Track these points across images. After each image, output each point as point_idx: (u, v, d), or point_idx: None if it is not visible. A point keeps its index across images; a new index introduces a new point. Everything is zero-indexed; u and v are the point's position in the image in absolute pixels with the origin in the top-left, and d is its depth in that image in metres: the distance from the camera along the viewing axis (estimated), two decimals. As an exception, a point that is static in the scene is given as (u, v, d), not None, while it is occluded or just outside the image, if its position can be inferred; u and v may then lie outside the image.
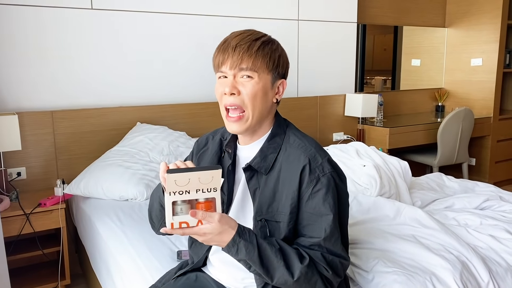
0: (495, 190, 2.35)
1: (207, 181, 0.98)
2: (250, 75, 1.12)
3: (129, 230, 1.95)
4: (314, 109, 3.63)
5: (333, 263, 1.09)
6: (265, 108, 1.16)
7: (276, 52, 1.16)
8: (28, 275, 2.45)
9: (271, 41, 1.17)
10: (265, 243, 1.06)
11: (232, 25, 3.15)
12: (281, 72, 1.18)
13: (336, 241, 1.10)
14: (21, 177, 2.52)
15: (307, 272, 1.06)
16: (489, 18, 4.17)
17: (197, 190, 0.98)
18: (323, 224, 1.09)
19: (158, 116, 2.91)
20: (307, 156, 1.13)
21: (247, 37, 1.13)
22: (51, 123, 2.57)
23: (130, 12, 2.81)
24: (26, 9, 2.49)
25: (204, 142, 1.35)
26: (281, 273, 1.05)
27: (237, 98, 1.13)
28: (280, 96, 1.20)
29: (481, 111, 4.28)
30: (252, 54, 1.11)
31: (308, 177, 1.11)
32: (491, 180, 4.26)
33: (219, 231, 1.00)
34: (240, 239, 1.03)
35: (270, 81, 1.15)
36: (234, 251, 1.03)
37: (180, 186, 0.97)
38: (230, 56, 1.12)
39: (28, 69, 2.54)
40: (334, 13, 3.65)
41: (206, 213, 0.99)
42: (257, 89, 1.13)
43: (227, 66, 1.13)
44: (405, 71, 4.43)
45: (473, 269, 1.52)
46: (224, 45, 1.14)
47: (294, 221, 1.13)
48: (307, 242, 1.10)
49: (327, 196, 1.10)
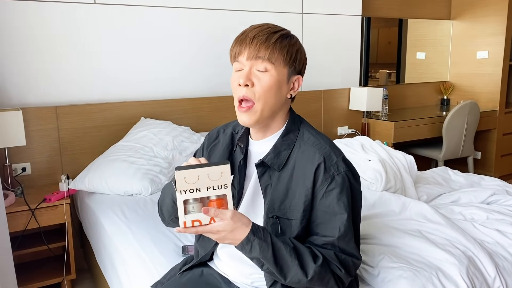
0: (501, 184, 2.33)
1: (216, 178, 0.98)
2: (266, 66, 1.11)
3: (134, 225, 1.95)
4: (319, 103, 3.61)
5: (345, 262, 1.09)
6: (277, 102, 1.15)
7: (295, 47, 1.14)
8: (33, 270, 2.46)
9: (290, 35, 1.16)
10: (280, 241, 1.05)
11: (236, 18, 3.13)
12: (298, 67, 1.17)
13: (350, 240, 1.10)
14: (26, 172, 2.53)
15: (320, 272, 1.05)
16: (495, 10, 4.12)
17: (208, 187, 0.98)
18: (337, 223, 1.09)
19: (162, 111, 2.91)
20: (322, 154, 1.12)
21: (265, 29, 1.12)
22: (55, 118, 2.57)
23: (133, 6, 2.80)
24: (29, 4, 2.48)
25: (215, 136, 1.34)
26: (295, 272, 1.05)
27: (250, 90, 1.12)
28: (295, 92, 1.19)
29: (486, 104, 4.25)
30: (269, 46, 1.10)
31: (323, 175, 1.10)
32: (496, 173, 4.24)
33: (232, 229, 1.00)
34: (255, 237, 1.02)
35: (286, 75, 1.14)
36: (248, 249, 1.03)
37: (190, 184, 0.97)
38: (247, 47, 1.11)
39: (31, 65, 2.54)
40: (338, 6, 3.62)
41: (218, 210, 0.99)
42: (272, 82, 1.11)
43: (244, 56, 1.12)
44: (410, 64, 4.40)
45: (480, 264, 1.51)
46: (242, 36, 1.14)
47: (307, 219, 1.12)
48: (321, 241, 1.10)
49: (342, 195, 1.09)
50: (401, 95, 4.33)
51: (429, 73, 4.54)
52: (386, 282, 1.40)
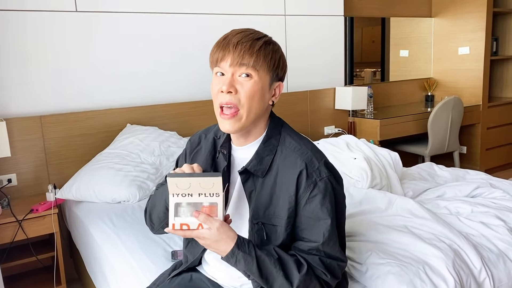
0: (485, 178, 2.37)
1: (208, 187, 1.00)
2: (250, 73, 1.09)
3: (122, 232, 1.95)
4: (305, 103, 3.63)
5: (331, 266, 1.11)
6: (261, 109, 1.14)
7: (277, 53, 1.14)
8: (23, 282, 2.43)
9: (272, 42, 1.15)
10: (264, 254, 1.06)
11: (219, 23, 3.14)
12: (279, 74, 1.17)
13: (334, 244, 1.11)
14: (12, 183, 2.50)
15: (305, 280, 1.07)
16: (475, 6, 4.19)
17: (200, 194, 1.01)
18: (321, 229, 1.10)
19: (148, 117, 2.90)
20: (304, 160, 1.13)
21: (249, 35, 1.11)
22: (40, 128, 2.55)
23: (115, 13, 2.79)
24: (9, 14, 2.47)
25: (197, 141, 1.33)
26: (280, 282, 1.06)
27: (233, 96, 1.10)
28: (276, 98, 1.18)
29: (470, 99, 4.31)
30: (254, 53, 1.09)
31: (305, 182, 1.11)
32: (482, 167, 4.30)
33: (216, 239, 1.02)
34: (239, 251, 1.04)
35: (268, 82, 1.14)
36: (233, 261, 1.05)
37: (182, 189, 1.00)
38: (231, 53, 1.09)
39: (14, 74, 2.52)
40: (320, 7, 3.65)
41: (208, 218, 1.01)
42: (256, 89, 1.11)
43: (227, 63, 1.10)
44: (394, 62, 4.44)
45: (466, 257, 1.54)
46: (225, 42, 1.11)
47: (292, 225, 1.13)
48: (306, 247, 1.11)
49: (325, 200, 1.10)
50: (386, 93, 4.37)
51: (413, 70, 4.59)
52: (375, 279, 1.41)
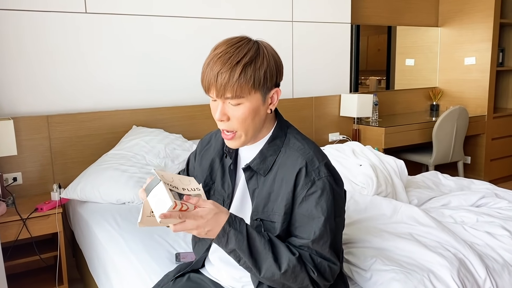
0: (490, 188, 2.36)
1: (186, 183, 1.06)
2: (237, 101, 1.09)
3: (127, 233, 1.95)
4: (310, 110, 3.64)
5: (321, 266, 1.10)
6: (258, 123, 1.15)
7: (261, 69, 1.08)
8: (25, 280, 2.44)
9: (254, 58, 1.08)
10: (255, 233, 1.08)
11: (227, 27, 3.16)
12: (270, 85, 1.12)
13: (325, 244, 1.10)
14: (17, 182, 2.51)
15: (295, 266, 1.06)
16: (482, 17, 4.20)
17: (183, 188, 1.04)
18: (313, 226, 1.10)
19: (154, 119, 2.91)
20: (305, 158, 1.13)
21: (228, 60, 1.06)
22: (47, 127, 2.57)
23: (125, 15, 2.81)
24: (19, 14, 2.49)
25: (207, 140, 1.37)
26: (269, 264, 1.06)
27: (227, 123, 1.13)
28: (274, 105, 1.17)
29: (475, 109, 4.31)
30: (234, 83, 1.06)
31: (304, 180, 1.11)
32: (486, 178, 4.29)
33: (215, 212, 1.03)
34: (230, 228, 1.05)
35: (260, 99, 1.12)
36: (224, 241, 1.05)
37: (169, 181, 1.03)
38: (213, 86, 1.09)
39: (22, 74, 2.53)
40: (327, 14, 3.67)
41: (199, 198, 1.03)
42: (247, 113, 1.11)
43: (213, 94, 1.11)
44: (399, 71, 4.45)
45: (470, 266, 1.53)
46: (208, 69, 1.09)
47: (288, 222, 1.14)
48: (297, 243, 1.12)
49: (320, 199, 1.10)
50: (391, 101, 4.37)
51: (418, 79, 4.59)
52: (379, 285, 1.41)
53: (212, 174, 1.30)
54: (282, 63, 1.18)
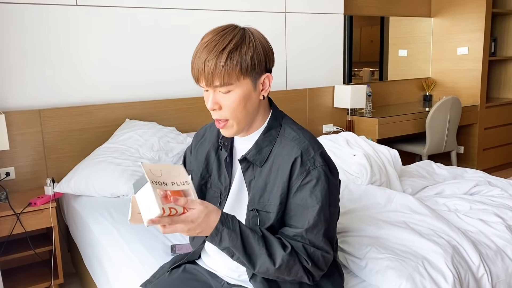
0: (483, 176, 2.38)
1: (175, 174, 1.03)
2: (227, 88, 1.09)
3: (121, 226, 1.94)
4: (303, 101, 3.64)
5: (314, 255, 1.10)
6: (251, 111, 1.14)
7: (247, 55, 1.08)
8: (20, 275, 2.43)
9: (240, 44, 1.08)
10: (248, 230, 1.08)
11: (219, 18, 3.14)
12: (259, 70, 1.11)
13: (318, 233, 1.10)
14: (10, 177, 2.50)
15: (288, 261, 1.07)
16: (474, 7, 4.21)
17: (172, 182, 1.02)
18: (307, 216, 1.10)
19: (147, 112, 2.90)
20: (300, 148, 1.13)
21: (214, 48, 1.07)
22: (39, 121, 2.55)
23: (115, 8, 2.78)
24: (9, 7, 2.46)
25: (202, 134, 1.37)
26: (263, 260, 1.07)
27: (219, 112, 1.13)
28: (266, 91, 1.15)
29: (468, 99, 4.33)
30: (221, 70, 1.06)
31: (299, 169, 1.11)
32: (479, 167, 4.31)
33: (205, 213, 1.02)
34: (223, 227, 1.04)
35: (250, 84, 1.11)
36: (218, 240, 1.05)
37: (157, 177, 1.00)
38: (202, 75, 1.09)
39: (13, 68, 2.51)
40: (320, 5, 3.66)
41: (187, 199, 1.01)
42: (238, 99, 1.10)
43: (203, 83, 1.11)
44: (392, 61, 4.45)
45: (464, 253, 1.54)
46: (196, 59, 1.10)
47: (283, 212, 1.14)
48: (291, 232, 1.12)
49: (315, 189, 1.10)
50: (384, 92, 4.38)
51: (412, 70, 4.60)
52: (374, 273, 1.42)
53: (208, 167, 1.29)
54: (271, 48, 1.16)
